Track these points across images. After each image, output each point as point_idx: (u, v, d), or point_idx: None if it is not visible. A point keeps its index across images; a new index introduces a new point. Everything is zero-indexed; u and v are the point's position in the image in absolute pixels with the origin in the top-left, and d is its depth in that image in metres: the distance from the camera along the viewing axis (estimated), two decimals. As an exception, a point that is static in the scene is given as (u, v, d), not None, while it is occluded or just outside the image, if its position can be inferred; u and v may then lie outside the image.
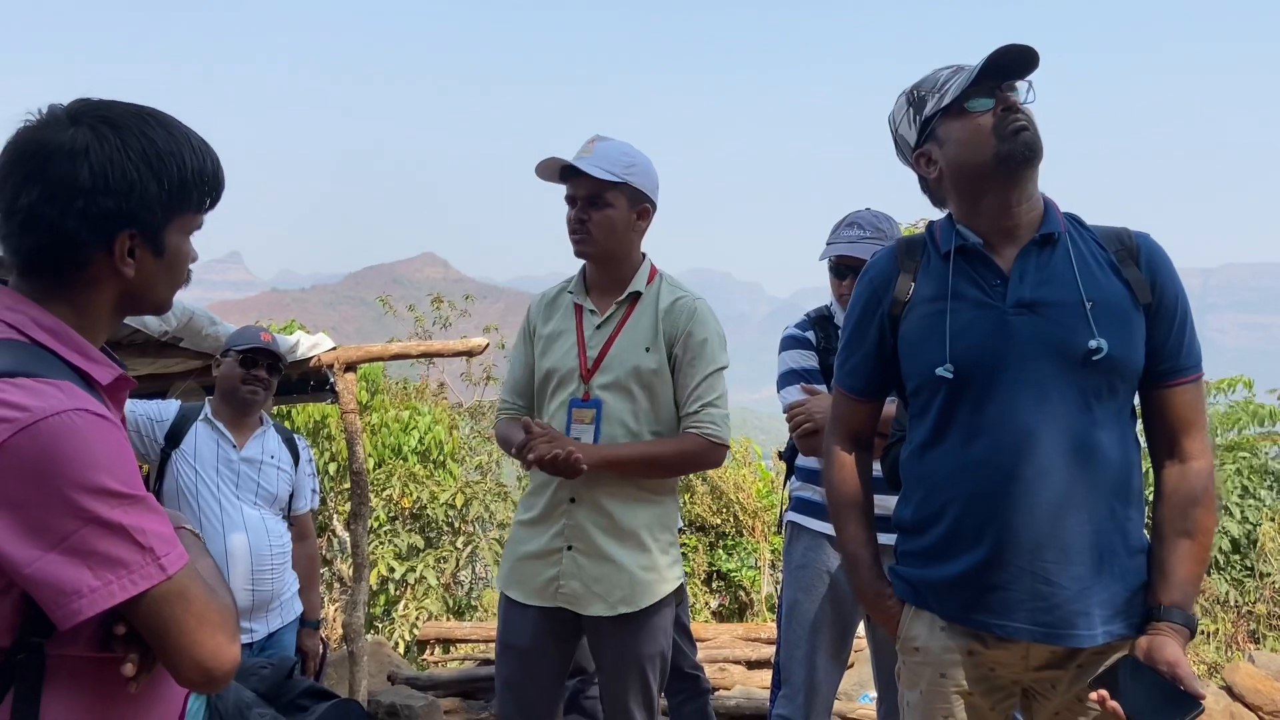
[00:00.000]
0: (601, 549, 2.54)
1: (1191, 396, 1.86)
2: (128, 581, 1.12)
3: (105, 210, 1.20)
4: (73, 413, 1.12)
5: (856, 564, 2.04)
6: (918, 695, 1.96)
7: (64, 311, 1.24)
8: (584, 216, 2.57)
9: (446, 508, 9.21)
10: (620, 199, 2.58)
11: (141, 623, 1.16)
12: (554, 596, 2.57)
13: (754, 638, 6.42)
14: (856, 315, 2.04)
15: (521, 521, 2.68)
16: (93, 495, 1.11)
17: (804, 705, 2.90)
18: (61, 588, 1.09)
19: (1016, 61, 1.81)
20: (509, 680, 2.68)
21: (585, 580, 2.54)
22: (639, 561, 2.57)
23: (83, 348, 1.24)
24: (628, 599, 2.55)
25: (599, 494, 2.54)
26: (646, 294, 2.65)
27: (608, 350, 2.60)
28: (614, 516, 2.55)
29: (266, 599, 3.23)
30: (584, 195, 2.57)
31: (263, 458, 3.30)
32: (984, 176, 1.84)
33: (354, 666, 4.89)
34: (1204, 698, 1.67)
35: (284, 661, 2.70)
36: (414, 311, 13.21)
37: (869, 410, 2.09)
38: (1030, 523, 1.77)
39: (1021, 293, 1.83)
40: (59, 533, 1.10)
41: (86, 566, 1.10)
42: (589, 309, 2.66)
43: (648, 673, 2.63)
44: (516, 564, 2.65)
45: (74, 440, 1.11)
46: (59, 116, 1.22)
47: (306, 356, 4.92)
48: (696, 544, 8.63)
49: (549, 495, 2.59)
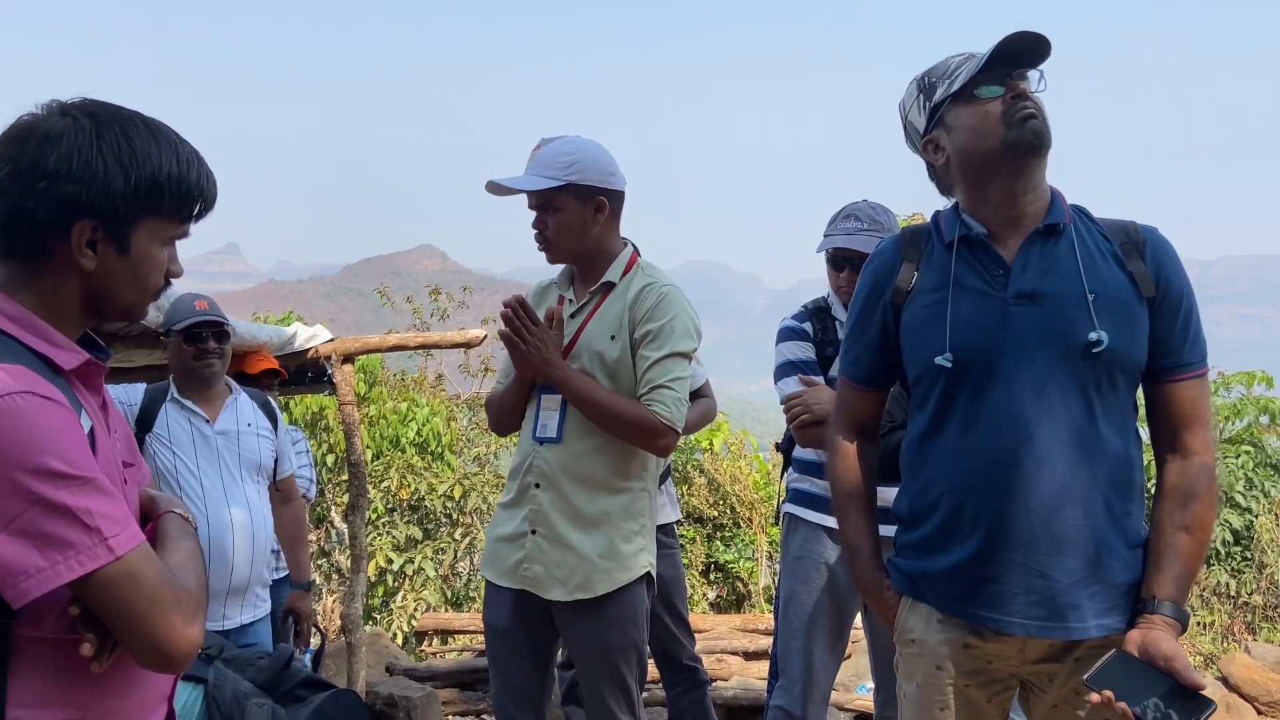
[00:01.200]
0: (562, 535, 2.57)
1: (1195, 392, 1.85)
2: (74, 562, 1.14)
3: (65, 194, 1.21)
4: (18, 395, 1.14)
5: (856, 554, 2.05)
6: (914, 687, 1.96)
7: (30, 301, 1.25)
8: (540, 225, 2.62)
9: (445, 499, 9.22)
10: (568, 200, 2.57)
11: (94, 604, 1.17)
12: (519, 579, 2.62)
13: (752, 629, 6.43)
14: (860, 305, 2.04)
15: (501, 504, 2.75)
16: (37, 477, 1.12)
17: (801, 696, 2.91)
18: (11, 568, 1.11)
19: (1028, 49, 1.80)
20: (494, 659, 2.77)
21: (546, 564, 2.58)
22: (598, 548, 2.56)
23: (45, 333, 1.25)
24: (584, 585, 2.56)
25: (563, 481, 2.58)
26: (621, 283, 2.66)
27: (576, 339, 2.63)
28: (575, 504, 2.57)
29: (244, 582, 3.15)
30: (535, 205, 2.63)
31: (238, 427, 3.23)
32: (991, 164, 1.83)
33: (352, 657, 4.89)
34: (1204, 688, 1.66)
35: (281, 651, 2.70)
36: (412, 303, 13.20)
37: (873, 400, 2.09)
38: (1025, 514, 1.77)
39: (1023, 283, 1.82)
40: (7, 514, 1.11)
41: (35, 547, 1.12)
42: (568, 299, 2.71)
43: (619, 665, 2.62)
44: (493, 545, 2.72)
45: (16, 422, 1.12)
46: (54, 108, 1.26)
47: (304, 348, 4.92)
48: (694, 535, 8.64)
49: (520, 480, 2.66)
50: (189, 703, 2.49)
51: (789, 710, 2.92)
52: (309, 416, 9.16)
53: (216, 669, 2.55)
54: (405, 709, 4.71)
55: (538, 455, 2.61)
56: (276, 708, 2.49)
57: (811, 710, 2.94)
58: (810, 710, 2.93)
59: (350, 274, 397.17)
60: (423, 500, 9.27)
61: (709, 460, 9.03)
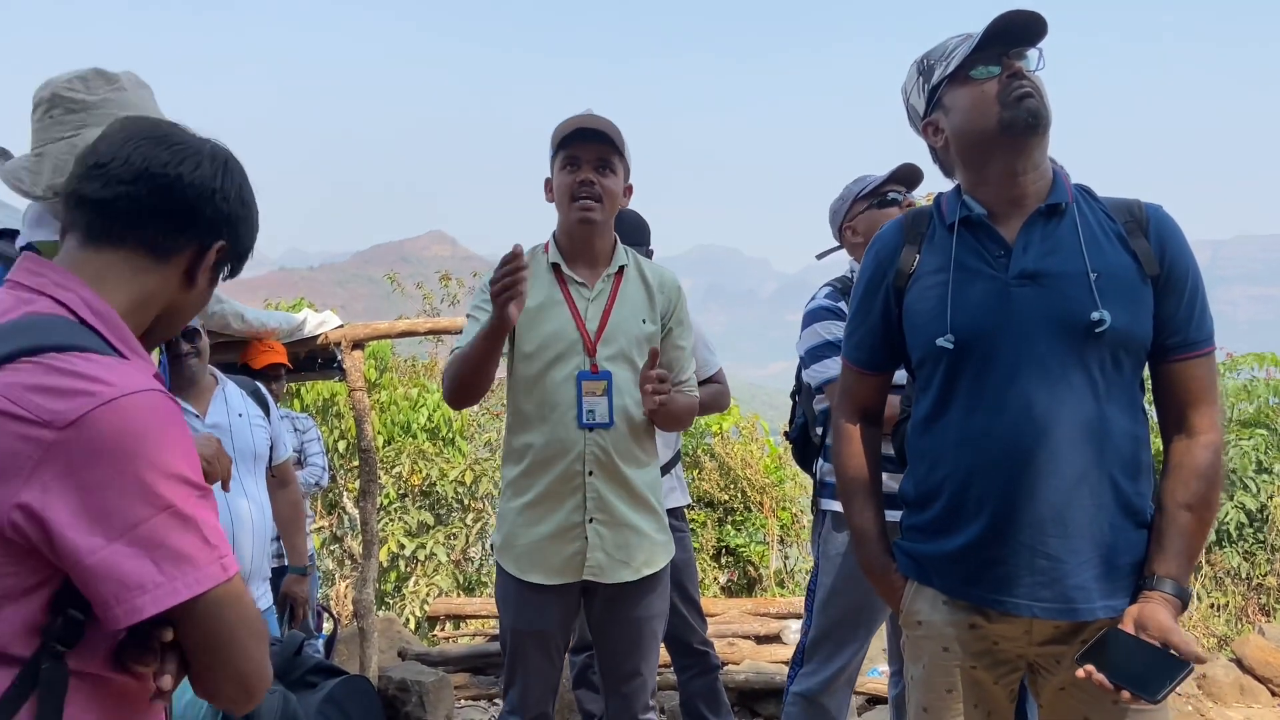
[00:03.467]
0: (623, 517, 2.57)
1: (1201, 371, 1.83)
2: (193, 579, 1.04)
3: (225, 214, 1.26)
4: (154, 393, 1.07)
5: (863, 538, 2.04)
6: (921, 669, 1.96)
7: (120, 300, 1.19)
8: (592, 183, 2.53)
9: (456, 485, 9.23)
10: (622, 168, 2.60)
11: (194, 627, 1.07)
12: (578, 572, 2.56)
13: (763, 613, 6.42)
14: (863, 288, 2.03)
15: (527, 503, 2.58)
16: (172, 482, 1.04)
17: (828, 682, 2.95)
18: (125, 581, 1.00)
19: (1025, 28, 1.79)
20: (527, 662, 2.63)
21: (609, 550, 2.56)
22: (653, 524, 2.65)
23: (128, 338, 1.18)
24: (649, 561, 2.62)
25: (620, 463, 2.57)
26: (629, 267, 2.68)
27: (606, 322, 2.59)
28: (632, 484, 2.59)
29: (246, 574, 3.07)
30: (595, 161, 2.54)
31: (229, 419, 3.17)
32: (988, 144, 1.81)
33: (364, 643, 4.92)
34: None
35: (292, 638, 2.71)
36: (422, 289, 13.19)
37: (877, 384, 2.08)
38: (1030, 496, 1.76)
39: (1025, 263, 1.81)
40: (129, 520, 1.01)
41: (151, 560, 1.01)
42: (578, 281, 2.62)
43: (657, 631, 2.70)
44: (533, 546, 2.57)
45: (152, 420, 1.04)
46: (200, 137, 1.29)
47: (314, 334, 4.92)
48: (705, 519, 8.63)
49: (556, 472, 2.54)
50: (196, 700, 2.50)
51: (812, 696, 2.96)
52: (320, 403, 9.18)
53: (228, 655, 2.55)
54: (418, 694, 4.73)
55: (589, 442, 2.53)
56: (288, 694, 2.50)
57: (836, 697, 2.98)
58: (833, 698, 2.97)
59: (360, 260, 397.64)
60: (434, 486, 9.29)
61: (720, 444, 9.02)
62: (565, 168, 2.55)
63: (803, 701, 2.97)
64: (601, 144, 2.52)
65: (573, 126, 2.51)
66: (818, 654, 2.98)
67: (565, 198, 2.56)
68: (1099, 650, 1.73)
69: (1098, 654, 1.72)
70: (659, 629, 2.71)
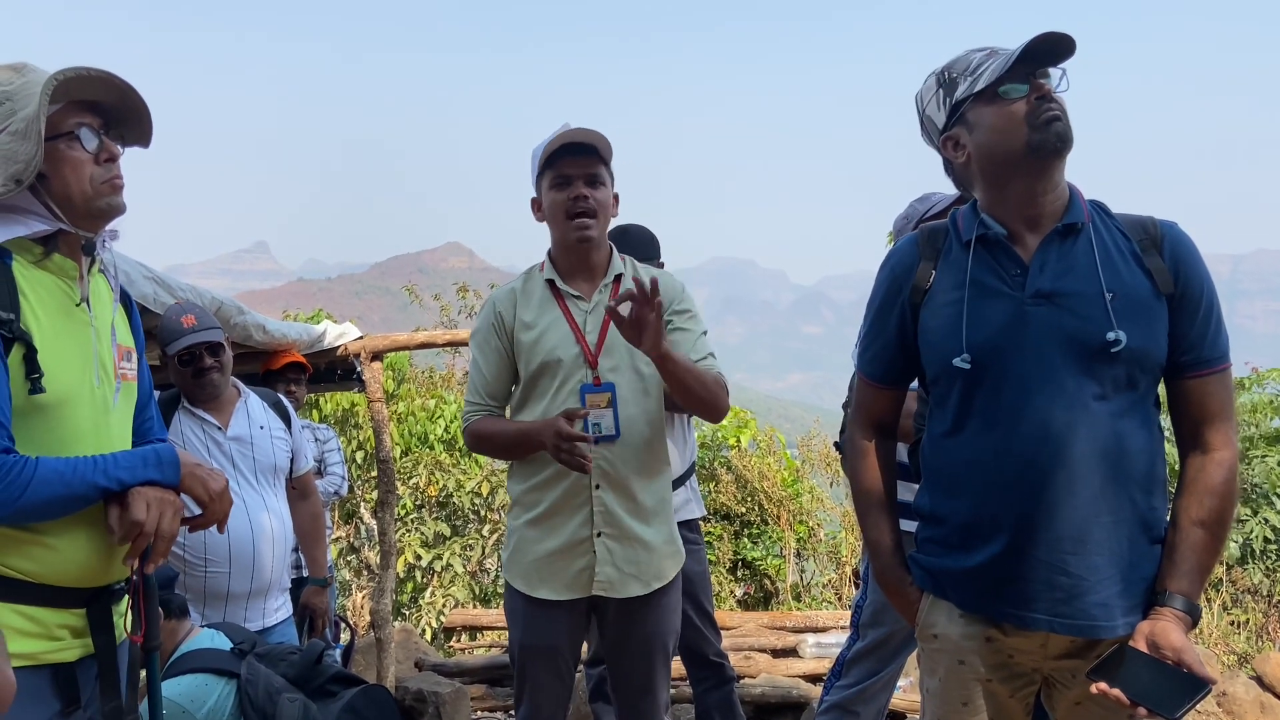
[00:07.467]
0: (631, 531, 2.56)
1: (1216, 388, 1.83)
2: None
3: None
4: None
5: (878, 551, 2.05)
6: (937, 682, 1.97)
7: None
8: (586, 196, 2.52)
9: (473, 496, 9.26)
10: (609, 178, 2.61)
11: None
12: (587, 587, 2.56)
13: (779, 626, 6.40)
14: (878, 303, 2.04)
15: (532, 520, 2.59)
16: None
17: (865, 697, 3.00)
18: None
19: (1053, 48, 1.79)
20: (536, 680, 2.63)
21: (619, 564, 2.55)
22: (662, 537, 2.63)
23: None
24: (659, 575, 2.61)
25: (627, 476, 2.56)
26: (626, 275, 2.66)
27: (605, 334, 2.57)
28: (639, 497, 2.57)
29: (265, 585, 3.16)
30: (586, 176, 2.54)
31: (251, 431, 3.20)
32: (1013, 164, 1.82)
33: (382, 653, 4.95)
34: (1215, 681, 1.66)
35: (313, 647, 2.74)
36: (439, 300, 13.25)
37: (891, 398, 2.09)
38: (1048, 515, 1.77)
39: (1041, 283, 1.81)
40: None
41: None
42: (574, 295, 2.62)
43: (669, 646, 2.69)
44: (540, 562, 2.57)
45: None
46: None
47: (333, 345, 4.97)
48: (721, 532, 8.62)
49: (564, 487, 2.54)
50: (222, 697, 2.53)
51: (846, 704, 3.01)
52: (339, 414, 9.24)
53: (249, 664, 2.58)
54: (435, 704, 4.75)
55: (596, 456, 2.49)
56: (308, 702, 2.52)
57: (870, 705, 3.03)
58: (868, 706, 3.03)
59: (378, 272, 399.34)
60: (451, 497, 9.32)
61: (736, 457, 9.01)
62: (556, 186, 2.55)
63: (837, 710, 3.02)
64: (589, 157, 2.53)
65: (559, 143, 2.51)
66: (857, 667, 3.02)
67: (560, 216, 2.55)
68: (1112, 666, 1.73)
69: (1110, 669, 1.72)
70: (671, 642, 2.70)
